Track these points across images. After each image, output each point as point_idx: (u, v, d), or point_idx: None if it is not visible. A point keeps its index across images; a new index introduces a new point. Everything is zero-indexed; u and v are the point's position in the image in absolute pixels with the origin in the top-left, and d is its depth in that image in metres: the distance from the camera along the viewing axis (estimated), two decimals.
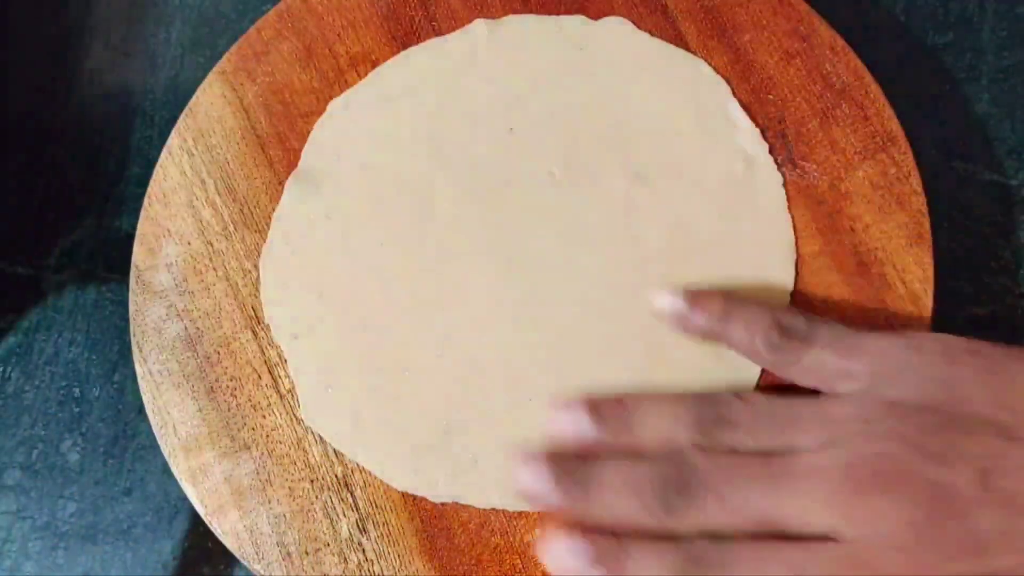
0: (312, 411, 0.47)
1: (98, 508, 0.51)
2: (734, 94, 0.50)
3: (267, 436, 0.47)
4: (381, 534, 0.45)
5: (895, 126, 0.49)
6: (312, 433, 0.47)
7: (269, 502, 0.46)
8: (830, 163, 0.49)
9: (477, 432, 0.46)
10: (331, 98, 0.53)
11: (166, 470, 0.47)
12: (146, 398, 0.48)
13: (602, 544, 0.36)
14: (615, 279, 0.48)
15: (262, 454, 0.46)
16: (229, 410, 0.47)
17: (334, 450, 0.46)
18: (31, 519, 0.51)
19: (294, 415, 0.47)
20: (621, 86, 0.51)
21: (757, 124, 0.50)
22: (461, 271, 0.48)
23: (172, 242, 0.51)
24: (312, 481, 0.46)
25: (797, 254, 0.47)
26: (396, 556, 0.45)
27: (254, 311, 0.49)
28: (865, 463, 0.34)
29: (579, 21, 0.53)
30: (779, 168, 0.49)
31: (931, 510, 0.32)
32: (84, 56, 0.61)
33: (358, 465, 0.46)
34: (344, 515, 0.45)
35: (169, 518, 0.50)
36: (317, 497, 0.46)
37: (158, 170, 0.52)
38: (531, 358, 0.47)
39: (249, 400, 0.47)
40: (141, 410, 0.49)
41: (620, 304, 0.47)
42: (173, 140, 0.53)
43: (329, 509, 0.45)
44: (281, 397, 0.47)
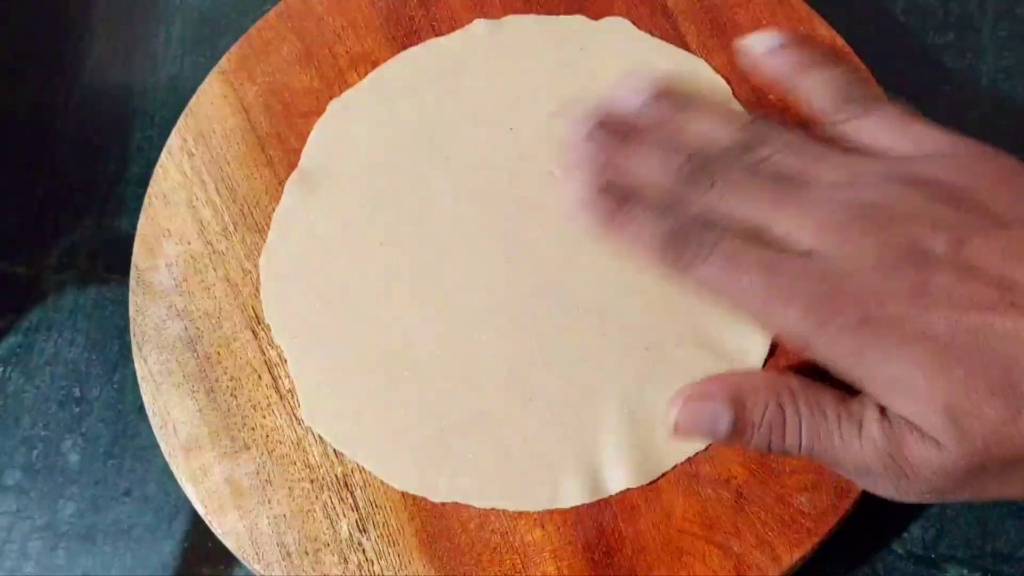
0: (312, 411, 0.47)
1: (98, 508, 0.51)
2: (734, 94, 0.50)
3: (267, 436, 0.47)
4: (381, 534, 0.45)
5: None
6: (312, 433, 0.47)
7: (269, 502, 0.46)
8: None
9: (477, 432, 0.46)
10: (331, 98, 0.53)
11: (166, 470, 0.47)
12: (146, 398, 0.48)
13: (609, 202, 0.40)
14: (615, 278, 0.48)
15: (262, 454, 0.46)
16: (229, 410, 0.47)
17: (334, 450, 0.46)
18: (31, 519, 0.51)
19: (294, 415, 0.47)
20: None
21: None
22: (461, 271, 0.48)
23: (172, 242, 0.51)
24: (312, 481, 0.46)
25: None
26: (396, 556, 0.45)
27: (254, 311, 0.49)
28: (864, 204, 0.36)
29: (579, 21, 0.53)
30: None
31: (900, 255, 0.35)
32: (84, 56, 0.61)
33: (358, 465, 0.46)
34: (344, 515, 0.45)
35: (169, 518, 0.50)
36: (317, 497, 0.46)
37: (158, 170, 0.52)
38: (531, 357, 0.47)
39: (249, 400, 0.47)
40: (141, 410, 0.49)
41: (620, 303, 0.47)
42: (173, 140, 0.53)
43: (329, 509, 0.45)
44: (281, 397, 0.47)
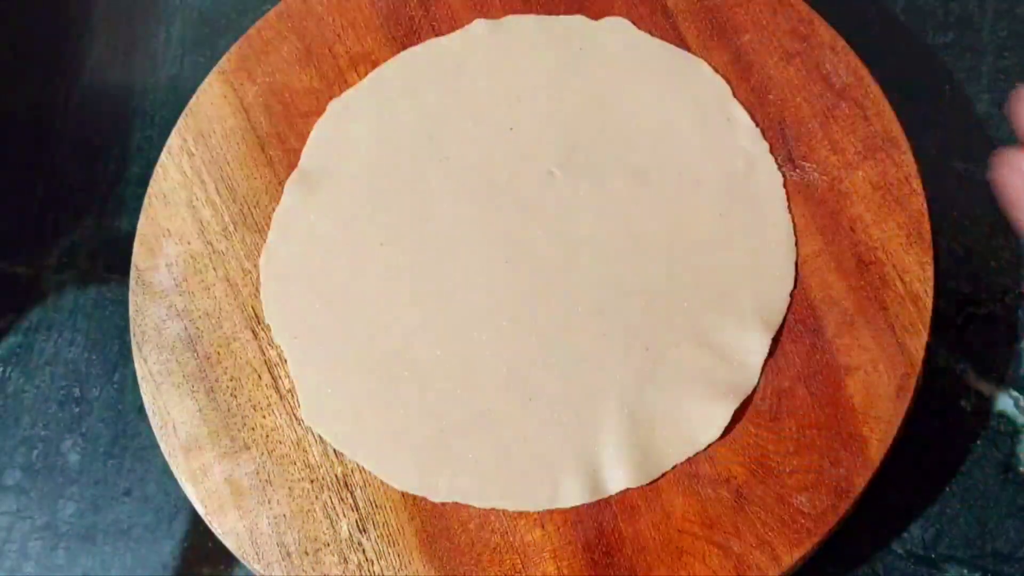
0: (312, 411, 0.47)
1: (98, 508, 0.51)
2: (734, 94, 0.50)
3: (267, 436, 0.47)
4: (381, 534, 0.45)
5: (895, 126, 0.49)
6: (312, 433, 0.47)
7: (269, 502, 0.46)
8: (830, 163, 0.49)
9: (477, 432, 0.46)
10: (331, 98, 0.53)
11: (166, 470, 0.47)
12: (146, 398, 0.48)
13: None
14: (615, 278, 0.48)
15: (262, 454, 0.46)
16: (229, 410, 0.47)
17: (334, 450, 0.46)
18: (31, 519, 0.51)
19: (294, 415, 0.47)
20: (621, 86, 0.51)
21: (757, 124, 0.50)
22: (461, 271, 0.48)
23: (172, 242, 0.51)
24: (312, 481, 0.46)
25: (797, 254, 0.47)
26: (396, 556, 0.45)
27: (254, 311, 0.49)
28: None
29: (579, 21, 0.53)
30: (779, 168, 0.49)
31: None
32: (84, 56, 0.61)
33: (358, 465, 0.46)
34: (344, 515, 0.45)
35: (169, 518, 0.50)
36: (317, 497, 0.46)
37: (158, 170, 0.52)
38: (531, 357, 0.47)
39: (249, 400, 0.47)
40: (141, 410, 0.49)
41: (620, 303, 0.47)
42: (173, 140, 0.53)
43: (329, 509, 0.45)
44: (281, 397, 0.47)
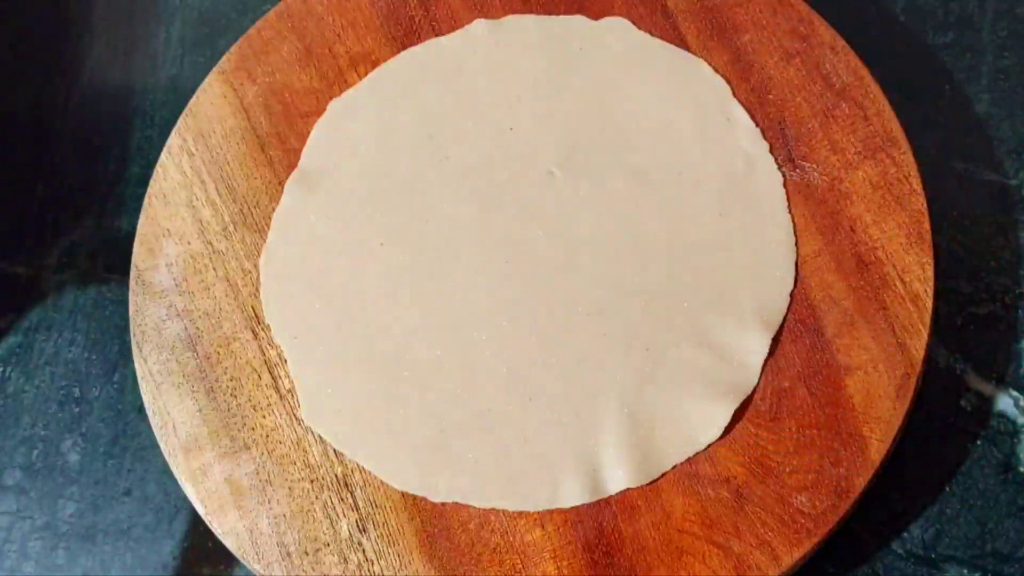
0: (312, 411, 0.47)
1: (98, 508, 0.51)
2: (734, 94, 0.50)
3: (267, 436, 0.47)
4: (381, 534, 0.45)
5: (895, 126, 0.49)
6: (312, 433, 0.47)
7: (269, 502, 0.46)
8: (830, 163, 0.49)
9: (477, 432, 0.46)
10: (331, 98, 0.53)
11: (166, 470, 0.47)
12: (146, 398, 0.48)
13: None
14: (615, 278, 0.48)
15: (262, 454, 0.46)
16: (229, 410, 0.47)
17: (334, 450, 0.46)
18: (31, 519, 0.51)
19: (294, 415, 0.47)
20: (621, 86, 0.51)
21: (757, 124, 0.50)
22: (461, 271, 0.48)
23: (172, 242, 0.51)
24: (312, 481, 0.46)
25: (797, 253, 0.47)
26: (396, 556, 0.45)
27: (254, 311, 0.49)
28: None
29: (579, 21, 0.53)
30: (779, 168, 0.49)
31: None
32: (84, 56, 0.61)
33: (358, 465, 0.46)
34: (344, 515, 0.45)
35: (169, 518, 0.50)
36: (317, 497, 0.46)
37: (158, 170, 0.52)
38: (530, 357, 0.47)
39: (249, 400, 0.47)
40: (141, 410, 0.49)
41: (620, 303, 0.47)
42: (173, 140, 0.53)
43: (329, 509, 0.45)
44: (281, 397, 0.47)
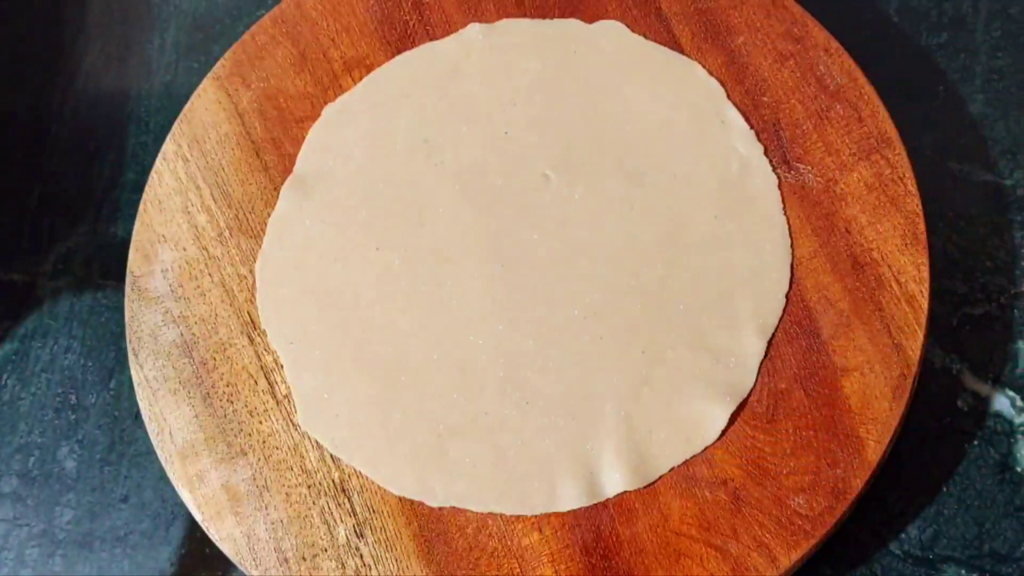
0: (309, 416, 0.47)
1: (95, 515, 0.51)
2: (728, 96, 0.50)
3: (263, 442, 0.47)
4: (379, 539, 0.45)
5: (889, 127, 0.49)
6: (308, 438, 0.47)
7: (266, 508, 0.46)
8: (825, 164, 0.49)
9: (474, 436, 0.46)
10: (326, 103, 0.53)
11: (163, 476, 0.47)
12: (142, 404, 0.48)
13: None
14: (610, 281, 0.48)
15: (259, 460, 0.46)
16: (225, 416, 0.47)
17: (331, 455, 0.46)
18: (28, 526, 0.51)
19: (290, 420, 0.47)
20: (616, 89, 0.51)
21: (752, 126, 0.50)
22: (457, 275, 0.48)
23: (167, 248, 0.51)
24: (309, 487, 0.46)
25: (792, 255, 0.47)
26: (394, 561, 0.44)
27: (250, 316, 0.49)
28: None
29: (573, 24, 0.53)
30: (774, 170, 0.49)
31: None
32: (79, 62, 0.61)
33: (355, 470, 0.46)
34: (341, 520, 0.45)
35: (166, 524, 0.50)
36: (314, 502, 0.46)
37: (153, 176, 0.52)
38: (527, 361, 0.47)
39: (245, 406, 0.47)
40: (137, 416, 0.49)
41: (616, 306, 0.47)
42: (168, 146, 0.53)
43: (326, 514, 0.45)
44: (278, 403, 0.47)
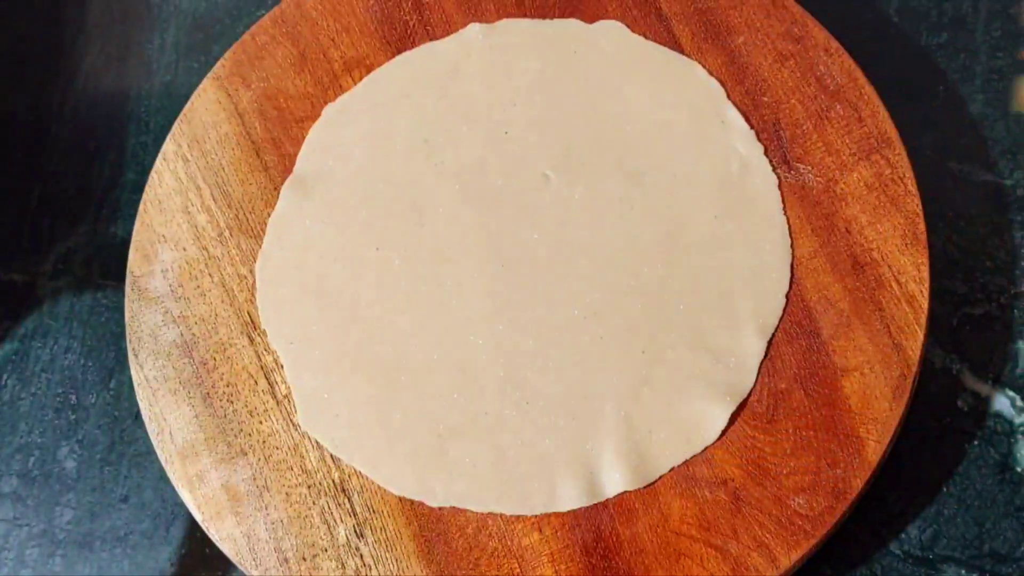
0: (309, 416, 0.47)
1: (95, 515, 0.51)
2: (728, 96, 0.50)
3: (263, 442, 0.47)
4: (379, 539, 0.45)
5: (889, 127, 0.49)
6: (308, 438, 0.47)
7: (266, 508, 0.46)
8: (825, 164, 0.49)
9: (474, 436, 0.46)
10: (326, 103, 0.53)
11: (163, 476, 0.47)
12: (142, 404, 0.48)
13: None
14: (610, 281, 0.48)
15: (259, 460, 0.46)
16: (225, 416, 0.47)
17: (331, 455, 0.46)
18: (28, 526, 0.51)
19: (290, 420, 0.47)
20: (615, 89, 0.51)
21: (752, 126, 0.50)
22: (457, 274, 0.48)
23: (167, 248, 0.51)
24: (309, 487, 0.46)
25: (792, 255, 0.47)
26: (394, 561, 0.44)
27: (250, 316, 0.49)
28: None
29: (573, 25, 0.53)
30: (774, 170, 0.49)
31: None
32: (79, 62, 0.61)
33: (355, 470, 0.46)
34: (341, 520, 0.45)
35: (166, 524, 0.50)
36: (314, 502, 0.46)
37: (153, 176, 0.52)
38: (527, 361, 0.47)
39: (245, 406, 0.47)
40: (137, 416, 0.49)
41: (616, 306, 0.47)
42: (168, 146, 0.53)
43: (326, 514, 0.45)
44: (278, 403, 0.47)
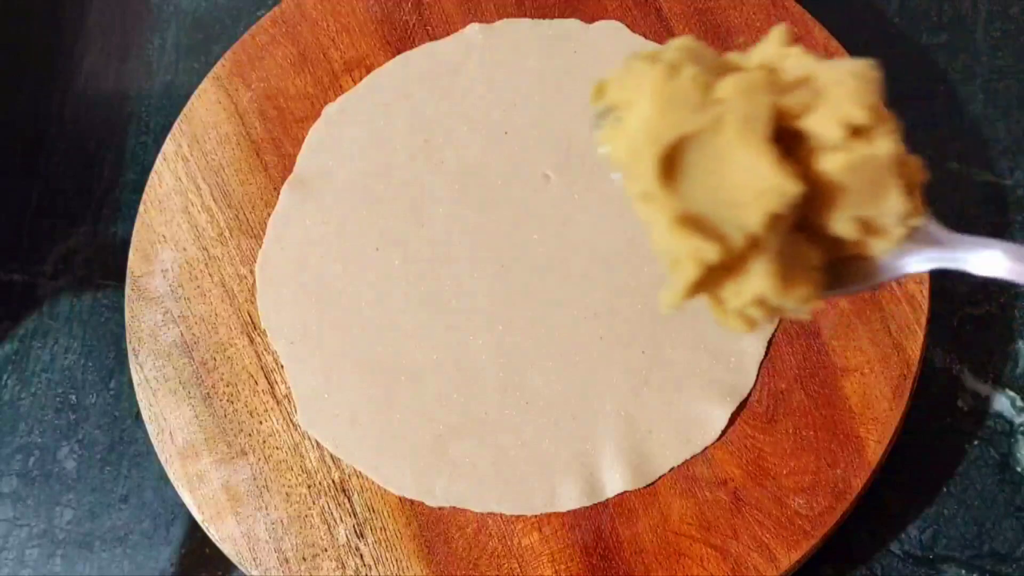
0: (309, 416, 0.47)
1: (95, 515, 0.51)
2: None
3: (264, 442, 0.47)
4: (379, 539, 0.45)
5: None
6: (309, 438, 0.47)
7: (266, 508, 0.46)
8: None
9: (474, 436, 0.46)
10: (326, 103, 0.53)
11: (163, 477, 0.47)
12: (142, 404, 0.48)
13: None
14: (610, 281, 0.47)
15: (259, 460, 0.46)
16: (226, 416, 0.47)
17: (331, 455, 0.46)
18: (28, 526, 0.51)
19: (291, 420, 0.47)
20: None
21: None
22: (457, 275, 0.48)
23: (167, 248, 0.51)
24: (309, 487, 0.46)
25: None
26: (394, 561, 0.44)
27: (250, 316, 0.49)
28: None
29: (573, 25, 0.53)
30: None
31: None
32: (79, 62, 0.61)
33: (355, 470, 0.46)
34: (341, 520, 0.45)
35: (166, 525, 0.50)
36: (314, 502, 0.46)
37: (153, 176, 0.52)
38: (527, 361, 0.47)
39: (246, 406, 0.47)
40: (138, 417, 0.49)
41: (616, 306, 0.47)
42: (168, 146, 0.53)
43: (326, 514, 0.45)
44: (278, 402, 0.47)
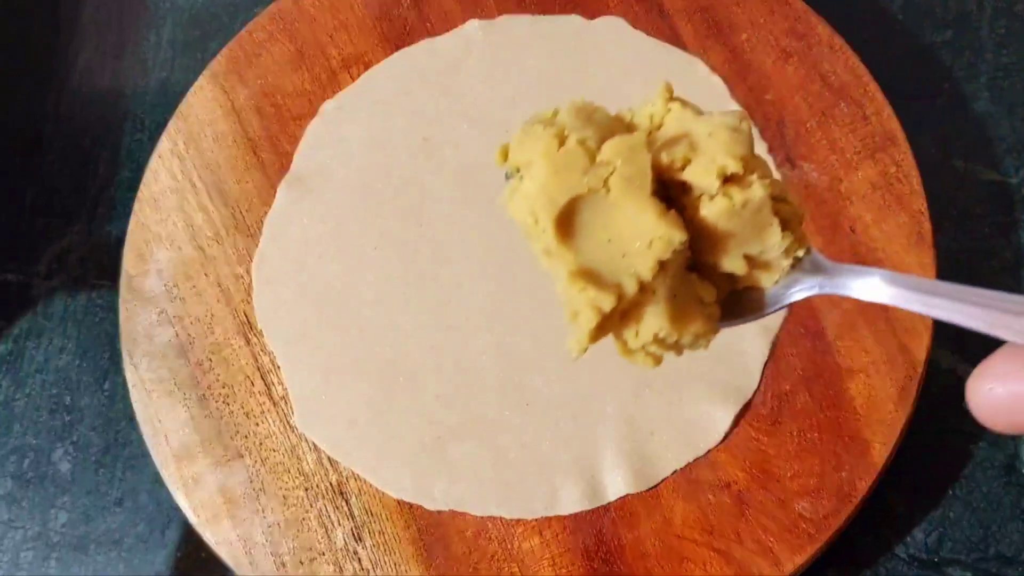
0: (306, 418, 0.46)
1: (90, 518, 0.50)
2: (731, 93, 0.50)
3: (260, 444, 0.46)
4: (377, 543, 0.44)
5: (894, 125, 0.48)
6: (306, 440, 0.46)
7: (263, 511, 0.45)
8: (829, 163, 0.48)
9: (474, 438, 0.45)
10: (323, 100, 0.52)
11: (158, 479, 0.47)
12: (137, 406, 0.47)
13: None
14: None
15: (255, 462, 0.46)
16: (221, 418, 0.47)
17: (328, 458, 0.46)
18: (23, 529, 0.50)
19: (287, 422, 0.46)
20: (617, 86, 0.51)
21: (755, 123, 0.49)
22: (455, 274, 0.48)
23: (163, 247, 0.50)
24: (306, 489, 0.45)
25: None
26: (392, 565, 0.44)
27: (246, 317, 0.48)
28: None
29: (574, 21, 0.52)
30: (778, 168, 0.48)
31: None
32: (74, 60, 0.60)
33: (353, 472, 0.45)
34: (339, 523, 0.45)
35: (161, 528, 0.49)
36: (312, 505, 0.45)
37: (148, 174, 0.51)
38: (527, 362, 0.46)
39: (242, 408, 0.47)
40: (132, 418, 0.48)
41: None
42: (163, 143, 0.52)
43: (324, 518, 0.45)
44: (274, 404, 0.47)
